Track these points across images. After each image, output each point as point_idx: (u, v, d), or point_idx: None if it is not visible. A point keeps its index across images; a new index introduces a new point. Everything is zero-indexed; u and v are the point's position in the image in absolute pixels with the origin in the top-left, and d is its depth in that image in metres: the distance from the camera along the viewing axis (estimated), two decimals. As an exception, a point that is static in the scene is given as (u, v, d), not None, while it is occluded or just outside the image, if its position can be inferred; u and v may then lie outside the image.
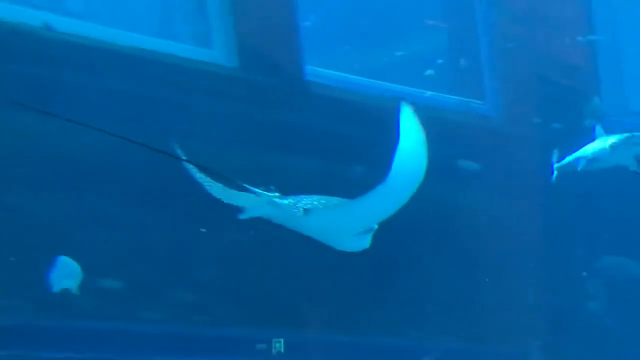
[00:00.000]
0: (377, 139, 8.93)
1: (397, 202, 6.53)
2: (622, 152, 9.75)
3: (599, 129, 10.08)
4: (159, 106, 8.61)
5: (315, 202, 6.67)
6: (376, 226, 6.78)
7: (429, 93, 10.70)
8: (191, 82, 8.92)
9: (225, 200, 6.79)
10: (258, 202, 6.68)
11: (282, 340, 9.13)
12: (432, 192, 8.99)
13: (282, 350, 9.13)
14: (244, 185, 6.56)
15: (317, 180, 9.01)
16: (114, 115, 7.89)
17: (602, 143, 9.94)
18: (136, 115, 8.33)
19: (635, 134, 9.68)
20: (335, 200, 6.66)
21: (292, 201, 6.66)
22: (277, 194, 6.72)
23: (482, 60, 11.44)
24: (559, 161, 10.35)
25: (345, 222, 6.69)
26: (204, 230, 8.64)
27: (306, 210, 6.59)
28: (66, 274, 7.70)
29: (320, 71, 9.90)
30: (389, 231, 6.97)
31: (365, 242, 6.85)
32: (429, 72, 11.42)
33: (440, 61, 11.63)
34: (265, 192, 6.64)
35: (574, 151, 10.24)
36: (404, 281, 9.52)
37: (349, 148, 9.64)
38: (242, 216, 6.74)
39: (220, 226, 8.47)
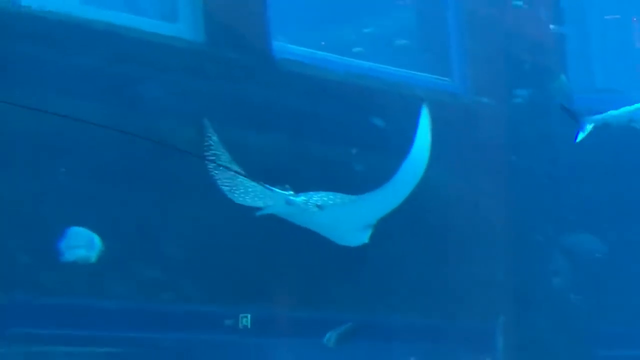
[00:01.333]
0: (344, 116, 9.77)
1: (401, 198, 6.86)
2: None
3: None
4: (122, 82, 8.54)
5: (325, 199, 6.88)
6: (375, 222, 7.04)
7: (396, 70, 10.74)
8: (156, 57, 8.82)
9: (240, 201, 6.99)
10: (275, 201, 6.86)
11: (248, 315, 9.17)
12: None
13: (249, 325, 9.18)
14: (262, 184, 6.75)
15: (285, 158, 9.24)
16: (76, 91, 7.95)
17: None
18: (100, 91, 8.32)
19: None
20: (344, 196, 6.88)
21: (305, 198, 6.86)
22: (291, 192, 6.92)
23: (450, 37, 11.44)
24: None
25: (354, 218, 6.96)
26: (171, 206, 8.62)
27: (319, 207, 6.82)
28: (80, 244, 7.83)
29: (288, 47, 9.85)
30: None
31: (365, 237, 7.17)
32: (400, 42, 11.52)
33: (407, 39, 11.69)
34: (282, 191, 6.85)
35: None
36: (372, 258, 9.44)
37: (316, 125, 9.69)
38: (258, 214, 6.94)
39: (188, 203, 8.61)
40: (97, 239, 7.86)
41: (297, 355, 9.72)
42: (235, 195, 7.09)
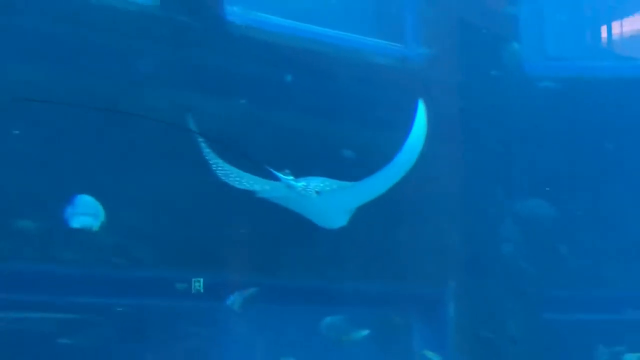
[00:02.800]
0: (298, 81, 9.76)
1: (389, 186, 7.11)
2: None
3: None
4: (74, 46, 8.51)
5: (322, 185, 7.07)
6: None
7: (349, 35, 10.69)
8: (108, 20, 8.77)
9: (236, 184, 7.18)
10: (274, 186, 7.02)
11: (201, 280, 9.16)
12: (354, 138, 10.09)
13: (202, 289, 9.18)
14: (265, 167, 6.89)
15: (238, 124, 9.21)
16: (27, 54, 7.97)
17: None
18: (52, 55, 8.31)
19: None
20: (339, 182, 7.08)
21: (305, 184, 7.02)
22: (292, 177, 7.07)
23: (404, 2, 11.40)
24: None
25: (345, 203, 7.22)
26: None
27: (318, 193, 7.00)
28: (87, 212, 7.92)
29: (242, 12, 9.80)
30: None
31: (345, 219, 7.46)
32: (354, 8, 11.41)
33: (361, 5, 11.55)
34: (284, 176, 6.97)
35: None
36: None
37: (270, 91, 9.67)
38: (258, 195, 7.11)
39: (140, 167, 8.68)
40: (101, 209, 8.02)
41: (253, 320, 9.78)
42: (230, 179, 7.27)
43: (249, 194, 7.46)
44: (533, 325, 11.27)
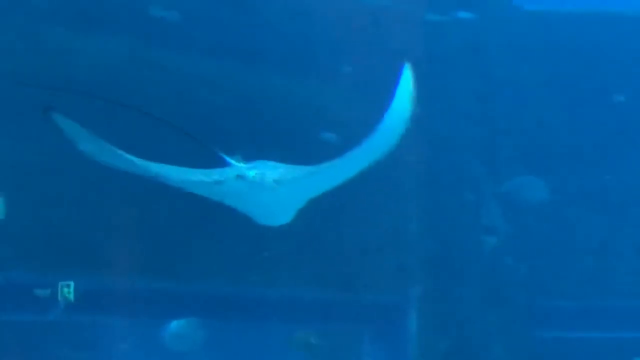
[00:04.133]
0: (192, 17, 9.35)
1: (360, 169, 6.83)
2: None
3: None
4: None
5: (278, 172, 6.84)
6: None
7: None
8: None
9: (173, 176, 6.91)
10: (222, 175, 6.78)
11: (71, 284, 8.60)
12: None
13: (72, 297, 8.61)
14: (215, 151, 6.68)
15: (125, 65, 8.93)
16: None
17: None
18: None
19: None
20: (295, 168, 6.89)
21: (258, 171, 6.80)
22: (244, 164, 6.82)
23: None
24: None
25: (305, 193, 7.01)
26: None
27: (277, 182, 6.74)
28: None
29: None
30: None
31: (290, 216, 7.15)
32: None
33: None
34: (236, 163, 6.75)
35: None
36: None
37: (162, 29, 9.21)
38: (190, 190, 6.96)
39: None
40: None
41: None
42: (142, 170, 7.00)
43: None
44: (522, 344, 10.49)
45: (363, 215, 9.96)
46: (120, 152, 6.86)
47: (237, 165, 6.76)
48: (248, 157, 7.79)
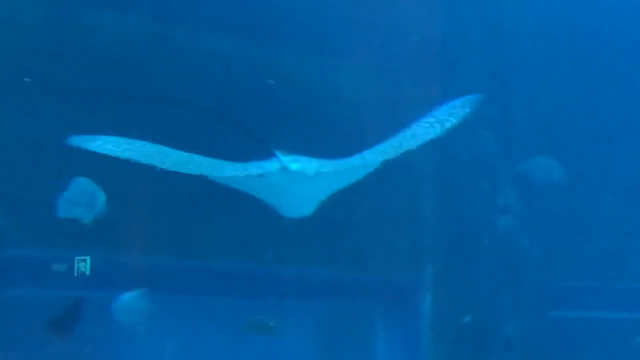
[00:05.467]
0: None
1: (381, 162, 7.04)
2: None
3: None
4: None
5: (316, 164, 6.95)
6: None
7: None
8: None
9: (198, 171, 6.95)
10: (267, 169, 6.82)
11: (87, 259, 8.51)
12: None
13: (88, 271, 8.56)
14: (266, 146, 6.75)
15: (140, 42, 8.90)
16: None
17: None
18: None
19: None
20: (328, 161, 6.97)
21: (301, 165, 6.90)
22: (289, 157, 6.89)
23: None
24: None
25: (335, 185, 7.18)
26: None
27: (317, 174, 6.85)
28: (80, 200, 7.99)
29: None
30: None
31: (312, 208, 7.33)
32: None
33: None
34: (282, 156, 6.79)
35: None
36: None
37: (178, 6, 9.11)
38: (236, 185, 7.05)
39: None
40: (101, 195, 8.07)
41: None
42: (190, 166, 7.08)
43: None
44: (535, 325, 10.34)
45: (377, 195, 9.83)
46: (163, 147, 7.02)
47: (282, 158, 6.85)
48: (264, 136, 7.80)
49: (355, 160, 7.00)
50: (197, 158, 7.15)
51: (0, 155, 8.22)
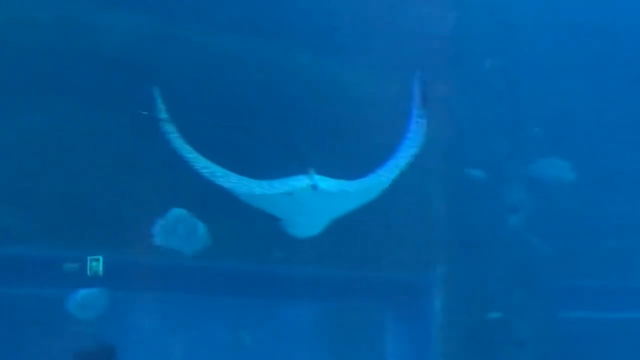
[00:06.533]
0: None
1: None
2: None
3: None
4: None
5: (338, 183, 6.90)
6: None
7: None
8: None
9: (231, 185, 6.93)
10: (296, 186, 6.78)
11: (100, 258, 8.57)
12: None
13: (101, 271, 8.60)
14: (304, 165, 6.70)
15: (150, 41, 8.87)
16: None
17: None
18: None
19: None
20: (346, 182, 6.95)
21: (330, 183, 6.87)
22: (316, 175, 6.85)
23: None
24: None
25: (350, 205, 7.15)
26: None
27: (346, 192, 6.86)
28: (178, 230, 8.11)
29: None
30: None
31: (320, 228, 7.29)
32: None
33: None
34: (312, 174, 6.76)
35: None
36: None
37: (187, 5, 9.11)
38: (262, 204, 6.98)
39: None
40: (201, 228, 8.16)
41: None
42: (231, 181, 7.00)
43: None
44: (545, 324, 10.37)
45: (388, 194, 9.21)
46: (204, 161, 6.93)
47: (313, 176, 6.75)
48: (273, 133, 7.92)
49: (372, 180, 6.99)
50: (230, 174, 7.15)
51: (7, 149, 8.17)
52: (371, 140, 9.71)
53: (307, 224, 7.29)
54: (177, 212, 8.03)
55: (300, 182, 6.76)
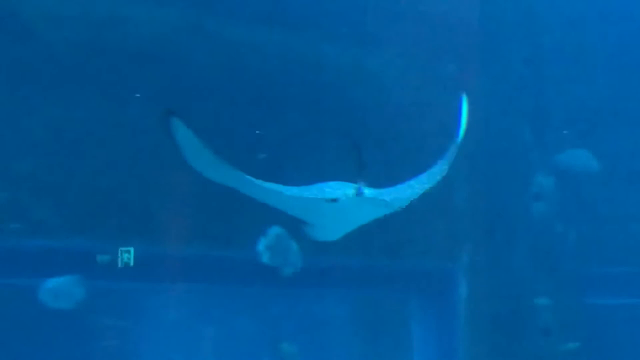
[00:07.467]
0: None
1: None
2: None
3: None
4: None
5: (388, 192, 6.90)
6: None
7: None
8: None
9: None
10: (342, 193, 6.69)
11: (131, 249, 8.60)
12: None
13: (132, 262, 8.60)
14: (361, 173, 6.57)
15: (175, 33, 8.85)
16: None
17: None
18: None
19: None
20: (385, 189, 6.92)
21: (374, 192, 6.82)
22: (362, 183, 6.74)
23: None
24: None
25: (382, 212, 7.06)
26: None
27: (386, 202, 6.79)
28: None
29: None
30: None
31: (340, 234, 7.26)
32: None
33: None
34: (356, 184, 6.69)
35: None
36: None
37: None
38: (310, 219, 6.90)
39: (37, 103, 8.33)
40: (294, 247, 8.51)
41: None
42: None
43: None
44: (571, 311, 10.33)
45: None
46: (236, 170, 6.77)
47: (359, 185, 6.69)
48: (298, 124, 8.16)
49: (405, 192, 6.91)
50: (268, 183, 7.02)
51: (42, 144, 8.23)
52: (401, 128, 9.77)
53: (335, 229, 7.22)
54: (277, 230, 8.27)
55: (345, 188, 6.71)
